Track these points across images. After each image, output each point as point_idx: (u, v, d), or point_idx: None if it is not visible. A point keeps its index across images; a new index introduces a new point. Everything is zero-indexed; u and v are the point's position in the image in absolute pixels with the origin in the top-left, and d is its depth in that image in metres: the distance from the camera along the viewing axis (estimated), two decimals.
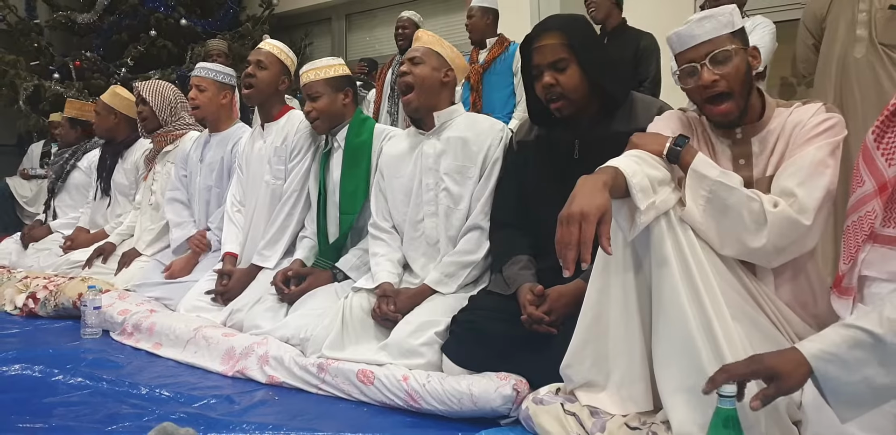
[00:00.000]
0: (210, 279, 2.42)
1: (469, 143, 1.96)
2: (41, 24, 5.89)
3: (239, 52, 5.25)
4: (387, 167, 2.12)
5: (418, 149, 2.04)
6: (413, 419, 1.57)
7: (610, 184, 1.20)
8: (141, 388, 1.77)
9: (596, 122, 1.69)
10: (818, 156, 1.29)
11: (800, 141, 1.34)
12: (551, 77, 1.62)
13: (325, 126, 2.27)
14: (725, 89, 1.36)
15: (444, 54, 2.02)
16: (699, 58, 1.36)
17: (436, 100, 2.00)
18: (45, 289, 2.68)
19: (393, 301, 1.85)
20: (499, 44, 3.61)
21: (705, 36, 1.35)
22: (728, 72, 1.35)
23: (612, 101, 1.68)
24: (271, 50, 2.45)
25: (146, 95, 2.89)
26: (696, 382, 1.20)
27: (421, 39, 2.07)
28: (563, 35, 1.62)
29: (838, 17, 2.49)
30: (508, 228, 1.83)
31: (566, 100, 1.64)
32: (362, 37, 6.24)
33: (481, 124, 2.01)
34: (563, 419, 1.36)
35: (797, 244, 1.28)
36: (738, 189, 1.27)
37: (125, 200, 3.25)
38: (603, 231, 1.14)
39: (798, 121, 1.37)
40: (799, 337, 1.34)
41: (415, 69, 1.98)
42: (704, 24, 1.35)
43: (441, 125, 2.02)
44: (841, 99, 2.44)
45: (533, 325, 1.56)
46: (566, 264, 1.13)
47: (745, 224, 1.26)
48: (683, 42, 1.38)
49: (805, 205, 1.25)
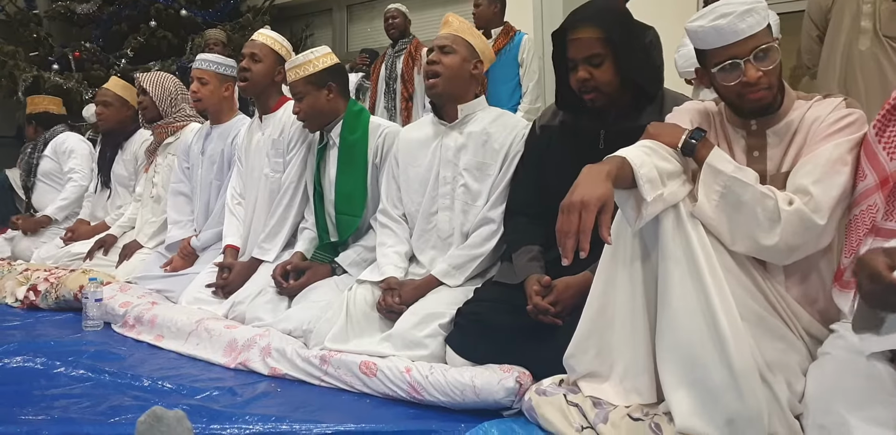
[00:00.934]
0: (211, 272, 2.41)
1: (491, 140, 1.92)
2: (40, 14, 5.86)
3: (240, 43, 5.20)
4: (403, 154, 2.07)
5: (438, 140, 1.99)
6: (416, 411, 1.57)
7: (614, 174, 1.19)
8: (143, 380, 1.77)
9: (625, 115, 1.66)
10: (836, 153, 1.27)
11: (818, 137, 1.31)
12: (586, 71, 1.59)
13: (314, 125, 2.24)
14: (767, 85, 1.32)
15: (474, 44, 1.94)
16: (744, 54, 1.30)
17: (462, 91, 1.94)
18: (46, 281, 2.68)
19: (398, 293, 1.85)
20: (504, 34, 3.57)
21: (749, 31, 1.29)
22: (771, 68, 1.31)
23: (644, 96, 1.65)
24: (265, 41, 2.42)
25: (146, 86, 2.88)
26: (700, 376, 1.21)
27: (451, 25, 1.95)
28: (599, 29, 1.57)
29: (843, 8, 2.48)
30: (523, 217, 1.81)
31: (599, 93, 1.61)
32: (363, 28, 6.20)
33: (505, 121, 1.96)
34: (566, 410, 1.36)
35: (811, 243, 1.26)
36: (754, 185, 1.25)
37: (125, 192, 3.25)
38: (603, 221, 1.14)
39: (817, 115, 1.34)
40: (808, 333, 1.34)
41: (444, 59, 1.90)
42: (747, 19, 1.28)
43: (464, 118, 1.97)
44: (845, 91, 2.44)
45: (539, 315, 1.56)
46: (565, 253, 1.13)
47: (758, 221, 1.24)
48: (726, 37, 1.30)
49: (820, 203, 1.24)
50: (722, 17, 1.29)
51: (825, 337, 1.34)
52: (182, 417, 1.25)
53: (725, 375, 1.18)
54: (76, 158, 3.55)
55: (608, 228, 1.15)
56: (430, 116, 2.09)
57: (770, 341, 1.24)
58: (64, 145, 3.59)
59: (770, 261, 1.32)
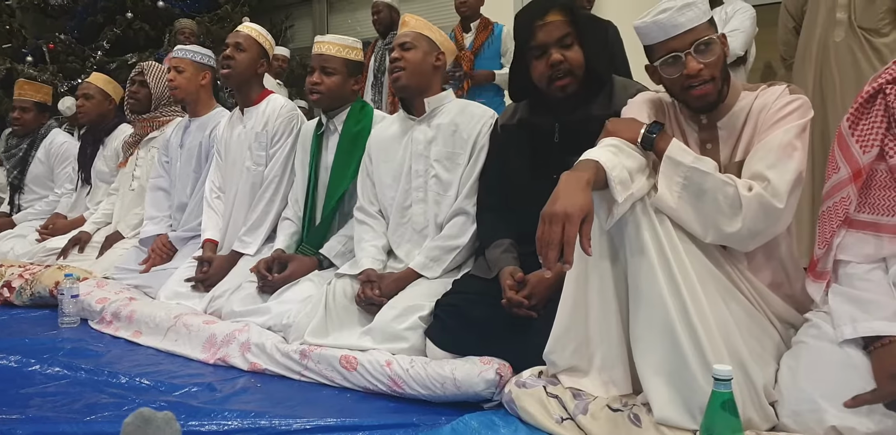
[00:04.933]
0: (190, 266, 2.39)
1: (459, 130, 1.95)
2: (13, 5, 5.73)
3: (218, 35, 5.15)
4: (375, 151, 2.10)
5: (408, 135, 2.02)
6: (396, 404, 1.57)
7: (593, 180, 1.20)
8: (120, 377, 1.75)
9: (576, 105, 1.68)
10: (786, 138, 1.30)
11: (767, 124, 1.34)
12: (559, 53, 1.62)
13: (325, 103, 2.23)
14: (709, 77, 1.35)
15: (433, 38, 2.01)
16: (684, 47, 1.34)
17: (427, 83, 1.99)
18: (21, 277, 2.64)
19: (377, 285, 1.85)
20: (483, 26, 3.57)
21: (689, 24, 1.33)
22: (711, 60, 1.35)
23: (598, 82, 1.67)
24: (250, 32, 2.43)
25: (149, 79, 2.86)
26: (675, 367, 1.22)
27: (409, 24, 2.04)
28: (567, 12, 1.62)
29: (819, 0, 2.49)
30: (493, 212, 1.84)
31: (572, 76, 1.64)
32: (343, 19, 6.15)
33: (472, 111, 1.99)
34: (546, 402, 1.37)
35: (771, 227, 1.29)
36: (713, 174, 1.27)
37: (107, 187, 3.21)
38: (584, 231, 1.14)
39: (764, 104, 1.37)
40: (778, 317, 1.36)
41: (406, 54, 1.96)
42: (686, 13, 1.33)
43: (432, 111, 2.01)
44: (821, 82, 2.45)
45: (513, 308, 1.57)
46: (547, 264, 1.13)
47: (720, 209, 1.26)
48: (666, 31, 1.34)
49: (777, 188, 1.26)
50: (662, 12, 1.34)
51: (797, 321, 1.37)
52: (171, 419, 1.23)
53: (699, 363, 1.19)
54: (71, 166, 3.48)
55: (589, 239, 1.16)
56: (399, 113, 2.12)
57: (741, 328, 1.26)
58: (60, 148, 3.51)
59: (734, 247, 1.34)
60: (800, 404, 1.19)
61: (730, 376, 1.06)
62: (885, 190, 1.26)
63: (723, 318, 1.24)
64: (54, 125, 3.62)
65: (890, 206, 1.25)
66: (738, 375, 1.18)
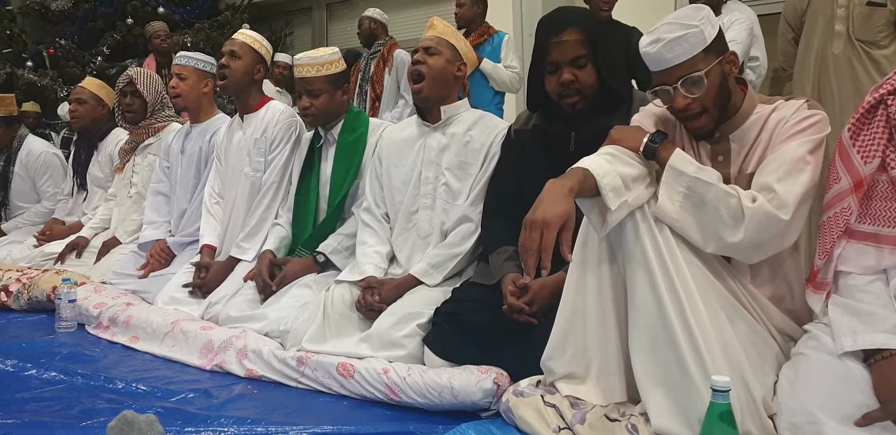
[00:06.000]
0: (188, 272, 2.39)
1: (473, 140, 1.95)
2: (13, 10, 5.76)
3: (218, 42, 5.17)
4: (387, 154, 2.10)
5: (422, 141, 2.02)
6: (393, 413, 1.56)
7: (577, 188, 1.20)
8: (117, 382, 1.74)
9: (595, 117, 1.68)
10: (799, 152, 1.29)
11: (782, 137, 1.33)
12: (570, 73, 1.62)
13: (320, 122, 2.24)
14: (699, 110, 1.34)
15: (458, 47, 1.98)
16: (671, 81, 1.33)
17: (446, 92, 1.97)
18: (18, 281, 2.63)
19: (378, 291, 1.85)
20: (478, 35, 3.57)
21: (675, 60, 1.31)
22: (701, 94, 1.32)
23: (618, 98, 1.67)
24: (245, 39, 2.42)
25: (142, 88, 2.84)
26: (674, 377, 1.22)
27: (436, 28, 1.99)
28: (583, 32, 1.61)
29: (817, 12, 2.51)
30: (500, 218, 1.83)
31: (582, 96, 1.64)
32: (343, 27, 6.18)
33: (486, 122, 1.99)
34: (544, 411, 1.36)
35: (775, 240, 1.28)
36: (716, 185, 1.26)
37: (102, 193, 3.20)
38: (564, 239, 1.15)
39: (781, 118, 1.36)
40: (779, 330, 1.36)
41: (429, 60, 1.93)
42: (675, 48, 1.30)
43: (447, 119, 2.00)
44: (819, 93, 2.47)
45: (514, 314, 1.57)
46: (527, 270, 1.15)
47: (722, 219, 1.25)
48: (656, 64, 1.34)
49: (784, 200, 1.25)
50: (652, 44, 1.32)
51: (797, 334, 1.36)
52: (153, 421, 1.23)
53: (698, 374, 1.19)
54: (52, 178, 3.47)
55: (569, 247, 1.17)
56: (414, 117, 2.11)
57: (741, 338, 1.26)
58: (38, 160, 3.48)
59: (738, 258, 1.34)
60: (798, 417, 1.18)
61: (728, 387, 1.06)
62: (887, 201, 1.25)
63: (722, 328, 1.24)
64: (26, 134, 3.55)
65: (891, 217, 1.25)
66: (737, 386, 1.18)
